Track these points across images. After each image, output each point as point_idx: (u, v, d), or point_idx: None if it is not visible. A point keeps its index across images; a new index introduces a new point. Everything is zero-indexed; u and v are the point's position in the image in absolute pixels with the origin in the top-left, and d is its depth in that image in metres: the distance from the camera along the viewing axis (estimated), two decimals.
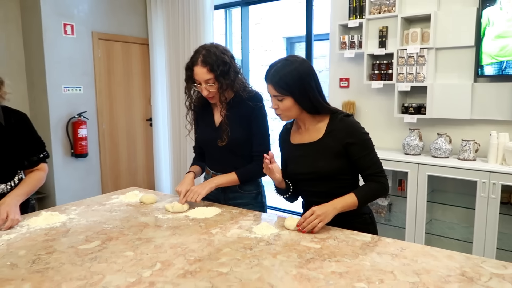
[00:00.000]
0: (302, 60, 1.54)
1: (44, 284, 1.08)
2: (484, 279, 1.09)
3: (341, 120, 1.56)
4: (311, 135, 1.60)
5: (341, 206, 1.49)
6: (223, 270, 1.15)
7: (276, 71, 1.51)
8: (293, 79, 1.49)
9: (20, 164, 1.74)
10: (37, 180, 1.75)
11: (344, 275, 1.12)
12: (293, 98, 1.51)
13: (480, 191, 2.73)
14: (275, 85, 1.51)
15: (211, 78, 1.72)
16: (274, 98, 1.54)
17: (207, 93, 1.76)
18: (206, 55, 1.73)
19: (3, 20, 4.11)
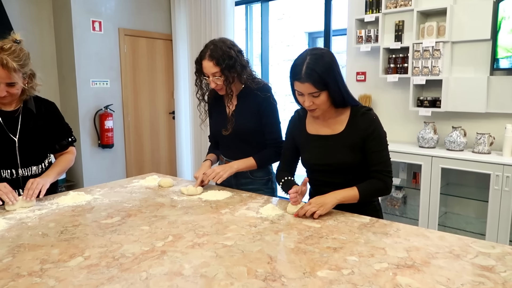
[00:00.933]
0: (328, 51, 1.56)
1: (70, 250, 1.22)
2: (470, 256, 1.17)
3: (363, 114, 1.60)
4: (332, 128, 1.63)
5: (342, 197, 1.54)
6: (227, 243, 1.27)
7: (309, 68, 1.48)
8: (328, 73, 1.49)
9: (50, 148, 1.91)
10: (67, 161, 1.93)
11: (338, 250, 1.22)
12: (328, 92, 1.52)
13: (494, 184, 2.75)
14: (313, 82, 1.48)
15: (218, 71, 1.83)
16: (310, 96, 1.52)
17: (214, 85, 1.87)
18: (213, 50, 1.84)
19: (36, 18, 4.36)
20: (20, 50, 1.64)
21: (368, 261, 1.14)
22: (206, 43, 1.90)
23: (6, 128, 1.73)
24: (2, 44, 1.60)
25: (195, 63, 1.91)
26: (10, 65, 1.58)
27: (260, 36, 4.91)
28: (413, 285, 1.00)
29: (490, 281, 1.02)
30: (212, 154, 2.13)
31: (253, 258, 1.16)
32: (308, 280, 1.03)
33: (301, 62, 1.51)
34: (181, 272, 1.07)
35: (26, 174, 1.79)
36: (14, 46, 1.63)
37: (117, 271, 1.08)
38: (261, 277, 1.04)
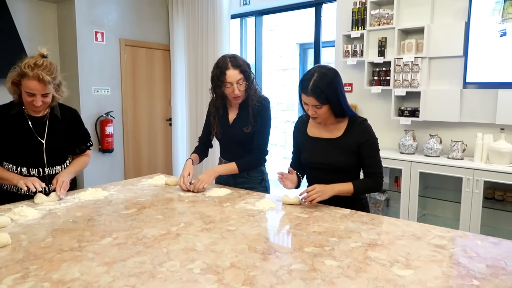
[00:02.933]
0: (333, 70, 1.78)
1: (99, 233, 1.47)
2: (429, 238, 1.44)
3: (359, 123, 1.86)
4: (331, 133, 1.88)
5: (339, 189, 1.81)
6: (231, 228, 1.53)
7: (315, 85, 1.71)
8: (331, 90, 1.72)
9: (71, 150, 2.15)
10: (83, 162, 2.18)
11: (322, 233, 1.48)
12: (329, 105, 1.76)
13: (465, 187, 3.04)
14: (317, 97, 1.72)
15: (242, 78, 2.09)
16: (313, 107, 1.76)
17: (238, 92, 2.10)
18: (234, 60, 2.10)
19: (42, 28, 4.60)
20: (50, 64, 1.88)
21: (345, 241, 1.40)
22: (219, 59, 2.13)
23: (35, 131, 1.97)
24: (35, 61, 1.84)
25: (217, 76, 2.08)
26: (46, 79, 1.82)
27: (254, 47, 5.20)
28: (379, 257, 1.26)
29: (440, 254, 1.29)
30: (195, 154, 2.35)
31: (253, 239, 1.42)
32: (297, 254, 1.29)
33: (309, 77, 1.75)
34: (195, 248, 1.32)
35: (51, 172, 2.03)
36: (45, 61, 1.87)
37: (142, 248, 1.33)
38: (260, 252, 1.30)
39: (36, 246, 1.34)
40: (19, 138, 1.95)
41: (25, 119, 1.97)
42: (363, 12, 3.64)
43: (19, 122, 1.96)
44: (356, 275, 1.14)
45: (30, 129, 1.97)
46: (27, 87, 1.83)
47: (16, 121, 1.96)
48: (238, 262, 1.22)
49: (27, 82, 1.82)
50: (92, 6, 4.66)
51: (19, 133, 1.95)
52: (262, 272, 1.15)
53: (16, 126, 1.95)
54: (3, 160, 1.99)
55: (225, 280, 1.10)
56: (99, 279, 1.11)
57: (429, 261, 1.24)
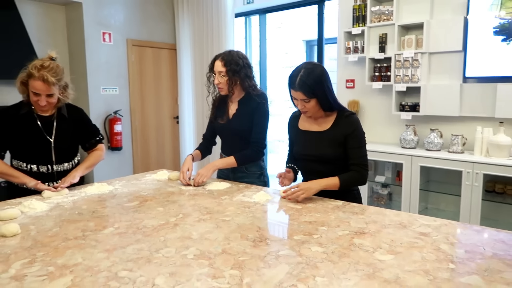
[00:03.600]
0: (320, 66, 1.89)
1: (102, 223, 1.57)
2: (414, 227, 1.50)
3: (346, 117, 1.93)
4: (320, 126, 1.96)
5: (325, 184, 1.87)
6: (226, 219, 1.61)
7: (302, 80, 1.80)
8: (317, 84, 1.81)
9: (82, 146, 2.27)
10: (96, 156, 2.29)
11: (312, 223, 1.55)
12: (317, 99, 1.86)
13: (465, 180, 3.08)
14: (304, 91, 1.81)
15: (223, 71, 2.21)
16: (302, 101, 1.85)
17: (217, 82, 2.25)
18: (226, 54, 2.25)
19: (51, 30, 4.74)
20: (56, 66, 1.99)
21: (334, 229, 1.47)
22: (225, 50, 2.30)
23: (43, 130, 2.08)
24: (42, 63, 1.95)
25: (211, 62, 2.29)
26: (50, 80, 1.93)
27: (258, 45, 5.27)
28: (364, 244, 1.33)
29: (423, 241, 1.35)
30: (197, 151, 2.46)
31: (246, 228, 1.50)
32: (286, 241, 1.37)
33: (296, 74, 1.84)
34: (190, 237, 1.41)
35: (60, 169, 2.14)
36: (52, 63, 1.98)
37: (141, 236, 1.42)
38: (251, 240, 1.38)
39: (43, 235, 1.44)
40: (28, 136, 2.06)
41: (34, 119, 2.08)
42: (364, 9, 3.69)
43: (28, 121, 2.07)
44: (339, 260, 1.21)
45: (39, 128, 2.07)
46: (33, 87, 1.94)
47: (26, 120, 2.06)
48: (229, 249, 1.30)
49: (33, 82, 1.93)
50: (99, 7, 4.78)
51: (28, 132, 2.06)
52: (251, 258, 1.23)
53: (26, 125, 2.06)
54: (14, 158, 2.11)
55: (216, 265, 1.18)
56: (99, 263, 1.20)
57: (411, 247, 1.30)
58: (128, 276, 1.12)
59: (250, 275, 1.12)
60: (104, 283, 1.08)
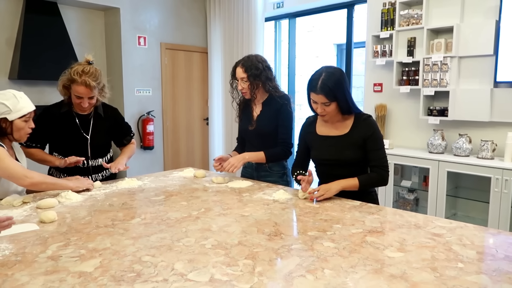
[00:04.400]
0: (339, 70, 1.94)
1: (130, 214, 1.68)
2: (429, 228, 1.52)
3: (364, 119, 1.98)
4: (338, 130, 2.01)
5: (344, 184, 1.92)
6: (245, 214, 1.69)
7: (324, 83, 1.84)
8: (338, 88, 1.86)
9: (118, 143, 2.46)
10: (132, 149, 2.51)
11: (328, 221, 1.60)
12: (337, 102, 1.91)
13: (494, 187, 3.01)
14: (326, 95, 1.85)
15: (245, 77, 2.29)
16: (322, 105, 1.89)
17: (240, 88, 2.33)
18: (246, 60, 2.33)
19: (91, 35, 5.00)
20: (95, 70, 2.16)
21: (348, 227, 1.52)
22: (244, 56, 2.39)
23: (81, 128, 2.25)
24: (83, 68, 2.13)
25: (232, 69, 2.39)
26: (92, 85, 2.11)
27: (287, 49, 5.34)
28: (375, 241, 1.38)
29: (435, 241, 1.38)
30: (235, 152, 2.57)
31: (263, 223, 1.57)
32: (300, 236, 1.43)
33: (317, 77, 1.88)
34: (210, 229, 1.50)
35: (94, 164, 2.31)
36: (91, 68, 2.15)
37: (165, 227, 1.52)
38: (267, 234, 1.45)
39: (77, 222, 1.57)
40: (67, 133, 2.23)
41: (73, 117, 2.25)
42: (392, 13, 3.68)
43: (68, 119, 2.24)
44: (349, 255, 1.26)
45: (77, 126, 2.24)
46: (76, 91, 2.12)
47: (66, 118, 2.24)
48: (245, 241, 1.38)
49: (76, 87, 2.10)
50: (136, 13, 5.00)
51: (67, 129, 2.23)
52: (265, 249, 1.30)
53: (65, 122, 2.24)
54: (53, 152, 2.29)
55: (231, 254, 1.26)
56: (125, 249, 1.30)
57: (422, 247, 1.33)
58: (150, 260, 1.22)
59: (262, 264, 1.19)
60: (129, 266, 1.18)
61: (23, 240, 1.37)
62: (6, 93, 1.92)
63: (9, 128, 1.90)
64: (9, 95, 1.91)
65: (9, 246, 1.32)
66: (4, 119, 1.88)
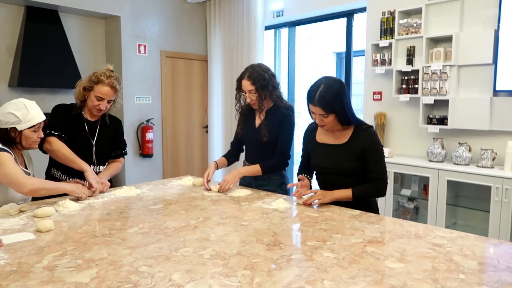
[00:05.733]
0: (339, 81, 1.92)
1: (128, 223, 1.67)
2: (429, 238, 1.51)
3: (364, 130, 1.96)
4: (337, 139, 2.00)
5: (338, 195, 1.92)
6: (244, 223, 1.67)
7: (321, 96, 1.82)
8: (336, 100, 1.84)
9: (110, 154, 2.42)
10: (116, 168, 2.44)
11: (327, 230, 1.59)
12: (335, 114, 1.90)
13: (494, 196, 3.00)
14: (323, 107, 1.83)
15: (253, 89, 2.28)
16: (320, 116, 1.88)
17: (249, 100, 2.32)
18: (251, 72, 2.30)
19: (91, 42, 5.02)
20: (118, 77, 2.22)
21: (348, 237, 1.51)
22: (246, 66, 2.36)
23: (88, 133, 2.26)
24: (109, 72, 2.18)
25: (237, 82, 2.36)
26: (117, 88, 2.18)
27: (287, 57, 5.35)
28: (376, 252, 1.36)
29: (436, 252, 1.36)
30: (223, 158, 2.56)
31: (262, 233, 1.55)
32: (299, 246, 1.42)
33: (315, 89, 1.86)
34: (208, 239, 1.48)
35: (97, 171, 2.30)
36: (116, 74, 2.19)
37: (163, 236, 1.50)
38: (266, 243, 1.43)
39: (74, 232, 1.55)
40: (75, 135, 2.25)
41: (82, 121, 2.28)
42: (392, 22, 3.70)
43: (77, 122, 2.28)
44: (349, 266, 1.24)
45: (85, 130, 2.27)
46: (100, 92, 2.15)
47: (75, 120, 2.28)
48: (244, 251, 1.36)
49: (101, 87, 2.14)
50: (136, 21, 5.02)
51: (75, 131, 2.26)
52: (264, 260, 1.29)
53: (75, 124, 2.27)
54: None
55: (230, 265, 1.25)
56: (122, 259, 1.29)
57: (423, 257, 1.32)
58: (147, 271, 1.20)
59: (261, 275, 1.17)
60: (126, 276, 1.16)
61: (19, 250, 1.36)
62: (17, 103, 1.95)
63: (18, 138, 1.94)
64: (20, 105, 1.93)
65: (4, 256, 1.30)
66: (13, 128, 1.91)
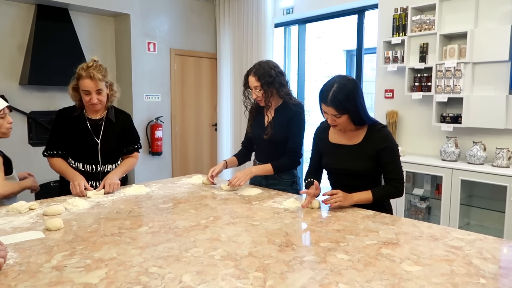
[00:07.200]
0: (352, 80, 1.86)
1: (138, 222, 1.65)
2: (446, 240, 1.46)
3: (378, 130, 1.91)
4: (351, 139, 1.95)
5: (358, 199, 1.86)
6: (255, 223, 1.64)
7: (334, 95, 1.77)
8: (349, 100, 1.78)
9: (120, 150, 2.38)
10: (130, 163, 2.39)
11: (340, 231, 1.55)
12: (348, 115, 1.84)
13: (510, 195, 2.92)
14: (336, 107, 1.78)
15: (258, 85, 2.25)
16: (332, 116, 1.83)
17: (255, 96, 2.29)
18: (258, 68, 2.27)
19: (101, 41, 5.02)
20: (99, 65, 2.17)
21: (362, 239, 1.47)
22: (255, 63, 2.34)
23: (92, 132, 2.23)
24: (87, 64, 2.15)
25: (244, 78, 2.34)
26: (96, 77, 2.11)
27: (297, 55, 5.30)
28: (391, 254, 1.32)
29: (454, 255, 1.32)
30: (234, 157, 2.54)
31: (273, 233, 1.52)
32: (312, 248, 1.38)
33: (328, 88, 1.81)
34: (219, 239, 1.45)
35: (104, 170, 2.27)
36: (95, 63, 2.16)
37: (173, 236, 1.48)
38: (277, 244, 1.40)
39: (84, 230, 1.54)
40: (78, 137, 2.22)
41: (84, 121, 2.24)
42: (404, 18, 3.63)
43: (79, 123, 2.24)
44: (364, 268, 1.21)
45: (88, 130, 2.23)
46: (83, 86, 2.12)
47: (77, 122, 2.24)
48: (255, 252, 1.33)
49: (82, 82, 2.11)
50: (146, 19, 5.02)
51: (78, 132, 2.22)
52: (276, 261, 1.25)
53: (77, 126, 2.23)
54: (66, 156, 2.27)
55: (241, 266, 1.22)
56: (132, 259, 1.26)
57: (441, 260, 1.27)
58: (157, 272, 1.17)
59: (273, 278, 1.14)
60: (135, 277, 1.14)
61: (28, 249, 1.34)
62: None
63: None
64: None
65: (13, 255, 1.29)
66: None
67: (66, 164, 2.23)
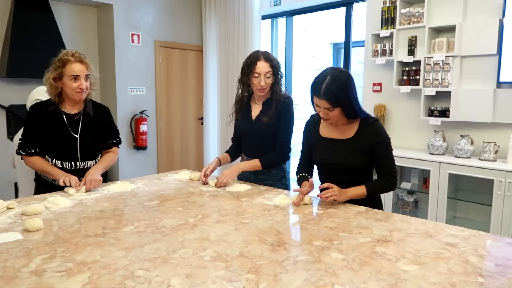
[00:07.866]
0: (345, 73, 1.78)
1: (122, 221, 1.57)
2: (441, 236, 1.43)
3: (371, 124, 1.86)
4: (342, 133, 1.90)
5: (352, 194, 1.82)
6: (245, 221, 1.59)
7: (327, 88, 1.72)
8: (342, 93, 1.73)
9: (99, 145, 2.29)
10: (111, 159, 2.29)
11: (333, 228, 1.51)
12: (341, 108, 1.79)
13: (497, 189, 2.94)
14: (329, 100, 1.73)
15: (270, 71, 2.19)
16: (325, 109, 1.77)
17: (263, 83, 2.19)
18: (267, 54, 2.22)
19: (83, 32, 4.87)
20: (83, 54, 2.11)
21: (355, 236, 1.43)
22: (252, 52, 2.27)
23: (69, 127, 2.13)
24: (71, 51, 2.08)
25: (245, 66, 2.22)
26: (86, 61, 2.06)
27: (284, 47, 5.24)
28: (386, 253, 1.28)
29: (450, 252, 1.29)
30: (226, 154, 2.46)
31: (264, 231, 1.47)
32: (305, 247, 1.34)
33: (321, 80, 1.75)
34: (208, 238, 1.40)
35: (83, 166, 2.17)
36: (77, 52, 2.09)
37: (159, 236, 1.42)
38: (269, 243, 1.35)
39: (65, 231, 1.46)
40: (55, 132, 2.11)
41: (60, 116, 2.13)
42: (393, 11, 3.60)
43: (55, 118, 2.12)
44: (359, 268, 1.17)
45: (65, 125, 2.12)
46: (72, 70, 2.03)
47: (53, 117, 2.12)
48: (247, 252, 1.28)
49: (70, 67, 2.03)
50: (129, 9, 4.88)
51: (55, 128, 2.11)
52: (268, 262, 1.20)
53: (53, 121, 2.11)
54: (44, 153, 2.16)
55: (232, 268, 1.16)
56: (117, 262, 1.20)
57: (437, 258, 1.24)
58: (144, 275, 1.11)
59: (266, 280, 1.09)
60: (120, 282, 1.07)
61: (5, 252, 1.26)
62: None
63: None
64: None
65: None
66: None
67: (47, 162, 2.13)
